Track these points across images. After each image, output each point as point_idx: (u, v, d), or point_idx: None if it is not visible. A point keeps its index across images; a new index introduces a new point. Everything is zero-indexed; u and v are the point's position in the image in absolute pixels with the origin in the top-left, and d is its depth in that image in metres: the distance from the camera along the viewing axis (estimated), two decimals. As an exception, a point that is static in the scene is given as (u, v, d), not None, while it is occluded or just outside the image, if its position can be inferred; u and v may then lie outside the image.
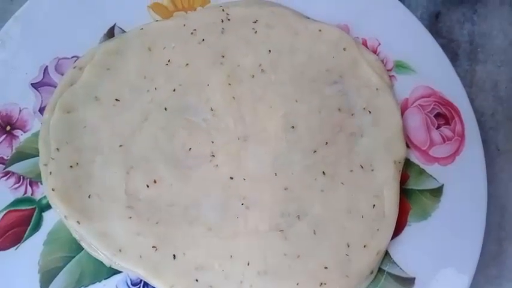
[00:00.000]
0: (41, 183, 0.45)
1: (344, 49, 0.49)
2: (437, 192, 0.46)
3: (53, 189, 0.43)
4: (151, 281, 0.43)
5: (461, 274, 0.44)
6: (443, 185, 0.46)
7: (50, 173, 0.44)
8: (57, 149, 0.44)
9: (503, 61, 0.56)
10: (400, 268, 0.45)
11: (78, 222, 0.43)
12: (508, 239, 0.51)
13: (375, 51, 0.50)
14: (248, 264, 0.43)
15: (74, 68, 0.47)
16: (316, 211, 0.44)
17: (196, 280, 0.42)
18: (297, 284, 0.42)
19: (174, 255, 0.43)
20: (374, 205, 0.45)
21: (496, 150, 0.54)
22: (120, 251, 0.42)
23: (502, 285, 0.51)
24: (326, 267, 0.43)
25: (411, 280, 0.44)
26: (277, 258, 0.43)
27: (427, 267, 0.45)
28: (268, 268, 0.43)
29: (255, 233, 0.43)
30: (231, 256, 0.43)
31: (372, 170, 0.46)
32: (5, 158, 0.46)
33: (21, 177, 0.45)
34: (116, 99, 0.46)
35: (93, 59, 0.47)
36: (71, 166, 0.44)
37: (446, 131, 0.48)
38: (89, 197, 0.44)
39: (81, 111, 0.46)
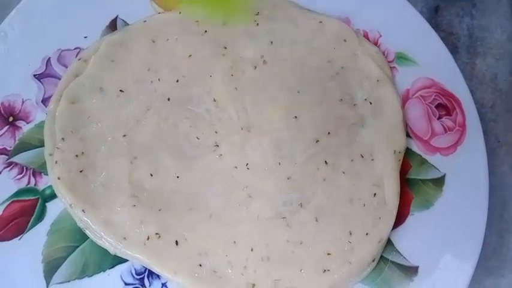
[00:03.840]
0: (44, 174, 0.46)
1: (345, 41, 0.51)
2: (439, 181, 0.48)
3: (58, 178, 0.44)
4: (155, 268, 0.44)
5: (464, 263, 0.45)
6: (445, 174, 0.48)
7: (56, 162, 0.45)
8: (63, 139, 0.46)
9: (501, 54, 0.58)
10: (404, 257, 0.46)
11: (83, 211, 0.44)
12: (509, 230, 0.53)
13: (376, 43, 0.51)
14: (252, 250, 0.44)
15: (79, 59, 0.48)
16: (318, 199, 0.46)
17: (200, 265, 0.43)
18: (301, 270, 0.44)
19: (176, 242, 0.44)
20: (375, 194, 0.46)
21: (496, 142, 0.55)
22: (124, 238, 0.44)
23: (503, 276, 0.52)
24: (329, 254, 0.44)
25: (414, 269, 0.45)
26: (280, 244, 0.44)
27: (430, 256, 0.46)
28: (271, 254, 0.44)
29: (257, 220, 0.45)
30: (234, 242, 0.44)
31: (372, 160, 0.47)
32: (8, 148, 0.47)
33: (25, 167, 0.46)
34: (120, 90, 0.48)
35: (97, 51, 0.48)
36: (77, 155, 0.45)
37: (447, 121, 0.49)
38: (94, 186, 0.45)
39: (86, 102, 0.47)
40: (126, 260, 0.45)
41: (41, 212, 0.45)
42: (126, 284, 0.44)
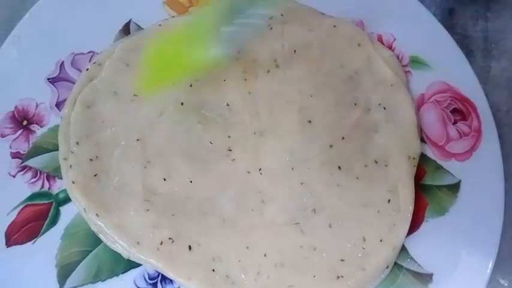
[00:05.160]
0: (58, 178, 0.47)
1: (359, 45, 0.51)
2: (454, 188, 0.48)
3: (73, 182, 0.45)
4: (168, 273, 0.44)
5: (479, 269, 0.45)
6: (460, 180, 0.48)
7: (70, 166, 0.45)
8: (77, 143, 0.46)
9: (518, 59, 0.57)
10: (418, 264, 0.46)
11: (97, 215, 0.44)
12: (525, 236, 0.52)
13: (390, 47, 0.51)
14: (265, 256, 0.44)
15: (94, 63, 0.49)
16: (332, 205, 0.46)
17: (213, 270, 0.44)
18: (314, 277, 0.44)
19: (189, 247, 0.44)
20: (389, 200, 0.46)
21: (511, 147, 0.55)
22: (138, 243, 0.44)
23: (518, 283, 0.51)
24: (343, 260, 0.44)
25: (429, 276, 0.45)
26: (294, 250, 0.44)
27: (444, 263, 0.46)
28: (285, 260, 0.44)
29: (270, 226, 0.45)
30: (248, 247, 0.44)
31: (386, 166, 0.47)
32: (22, 152, 0.47)
33: (38, 171, 0.47)
34: (134, 95, 0.48)
35: (112, 55, 0.49)
36: (91, 159, 0.46)
37: (462, 126, 0.49)
38: (108, 190, 0.45)
39: (101, 106, 0.48)
40: (139, 265, 0.45)
41: (55, 216, 0.46)
42: (139, 288, 0.45)
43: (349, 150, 0.47)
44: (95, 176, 0.45)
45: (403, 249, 0.46)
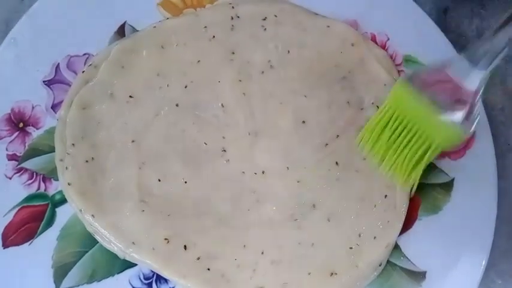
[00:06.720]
0: (54, 179, 0.48)
1: (352, 45, 0.51)
2: (447, 186, 0.48)
3: (69, 184, 0.46)
4: (164, 272, 0.45)
5: (473, 267, 0.46)
6: (453, 179, 0.48)
7: (66, 167, 0.46)
8: (73, 145, 0.47)
9: (511, 56, 0.58)
10: (411, 262, 0.46)
11: (93, 216, 0.45)
12: (519, 234, 0.53)
13: (383, 46, 0.52)
14: (262, 254, 0.45)
15: (90, 66, 0.49)
16: (331, 199, 0.47)
17: (208, 269, 0.44)
18: (309, 274, 0.45)
19: (185, 246, 0.45)
20: (386, 195, 0.47)
21: (505, 145, 0.55)
22: (133, 243, 0.45)
23: (513, 281, 0.52)
24: (338, 256, 0.45)
25: (422, 274, 0.46)
26: (292, 247, 0.45)
27: (438, 261, 0.46)
28: (281, 257, 0.45)
29: (268, 224, 0.46)
30: (244, 246, 0.45)
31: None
32: (18, 154, 0.48)
33: (34, 173, 0.48)
34: (130, 96, 0.49)
35: (108, 57, 0.49)
36: (87, 161, 0.47)
37: (456, 124, 0.49)
38: (104, 191, 0.46)
39: (96, 108, 0.48)
40: (134, 265, 0.46)
41: (51, 217, 0.47)
42: (134, 288, 0.46)
43: (345, 147, 0.48)
44: (90, 177, 0.46)
45: (397, 247, 0.47)
